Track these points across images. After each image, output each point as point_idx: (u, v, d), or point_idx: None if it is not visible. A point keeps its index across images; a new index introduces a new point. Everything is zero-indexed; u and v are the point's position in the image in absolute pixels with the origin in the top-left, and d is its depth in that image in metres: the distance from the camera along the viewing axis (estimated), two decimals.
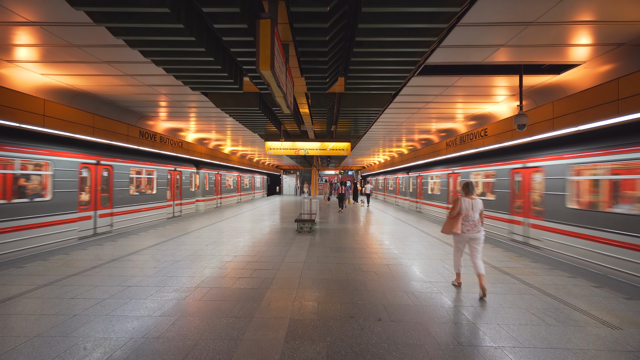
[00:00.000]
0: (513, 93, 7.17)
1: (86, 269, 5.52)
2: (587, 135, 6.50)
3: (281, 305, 4.06)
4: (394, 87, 5.84)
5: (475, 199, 4.66)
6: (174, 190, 13.65)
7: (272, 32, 3.21)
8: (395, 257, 6.61)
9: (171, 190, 13.36)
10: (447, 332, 3.40)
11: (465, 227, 4.63)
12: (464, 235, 4.64)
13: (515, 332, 3.42)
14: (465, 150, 10.58)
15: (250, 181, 28.14)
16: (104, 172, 9.29)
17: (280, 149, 10.57)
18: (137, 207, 10.79)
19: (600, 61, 5.35)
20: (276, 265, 5.90)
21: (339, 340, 3.22)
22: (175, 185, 13.74)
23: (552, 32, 4.38)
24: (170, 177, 13.32)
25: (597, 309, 4.05)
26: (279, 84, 3.77)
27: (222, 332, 3.35)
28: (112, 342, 3.13)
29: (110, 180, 9.53)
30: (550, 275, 5.46)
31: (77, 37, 4.63)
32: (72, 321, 3.57)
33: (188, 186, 14.90)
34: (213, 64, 4.68)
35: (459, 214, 4.62)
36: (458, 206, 4.63)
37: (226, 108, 7.61)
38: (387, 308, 4.01)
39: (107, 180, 9.42)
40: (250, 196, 27.87)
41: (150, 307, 3.97)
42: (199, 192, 16.77)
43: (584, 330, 3.46)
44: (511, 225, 8.69)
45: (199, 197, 16.76)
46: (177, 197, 13.95)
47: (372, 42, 4.09)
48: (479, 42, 4.73)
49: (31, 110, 6.29)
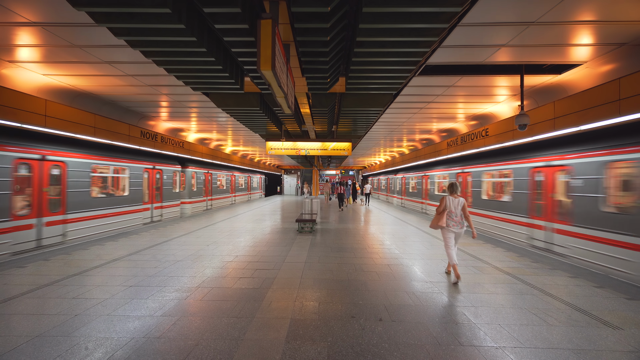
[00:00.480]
0: (514, 93, 7.16)
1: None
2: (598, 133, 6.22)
3: (282, 305, 4.07)
4: (395, 87, 5.84)
5: (459, 197, 5.15)
6: (153, 192, 12.02)
7: (273, 32, 3.22)
8: (396, 257, 6.61)
9: (150, 191, 11.82)
10: (448, 332, 3.40)
11: (450, 222, 5.09)
12: (450, 229, 5.09)
13: (517, 332, 3.42)
14: (466, 150, 10.57)
15: (245, 181, 26.38)
16: (54, 169, 7.76)
17: (281, 149, 10.57)
18: (101, 212, 9.27)
19: (602, 61, 5.34)
20: (277, 265, 5.90)
21: (339, 340, 3.22)
22: (155, 185, 12.13)
23: (553, 32, 4.37)
24: (149, 177, 11.77)
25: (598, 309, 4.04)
26: (280, 84, 3.77)
27: (223, 332, 3.36)
28: (113, 342, 3.14)
29: (62, 180, 7.99)
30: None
31: (79, 37, 4.64)
32: None
33: (171, 187, 13.28)
34: (214, 64, 4.69)
35: (444, 210, 5.11)
36: (444, 203, 5.13)
37: (227, 108, 7.62)
38: (388, 308, 4.01)
39: (59, 179, 7.91)
40: (245, 197, 26.16)
41: (151, 306, 3.98)
42: (184, 193, 15.03)
43: (585, 331, 3.46)
44: (530, 230, 7.97)
45: (184, 199, 15.00)
46: (157, 199, 12.34)
47: (373, 42, 4.09)
48: (480, 42, 4.72)
49: (33, 110, 6.31)
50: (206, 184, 17.47)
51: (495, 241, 8.57)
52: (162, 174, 12.68)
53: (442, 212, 5.12)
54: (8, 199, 6.51)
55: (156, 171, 12.26)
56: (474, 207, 10.84)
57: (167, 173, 13.01)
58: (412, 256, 6.71)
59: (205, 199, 17.37)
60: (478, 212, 10.61)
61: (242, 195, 25.18)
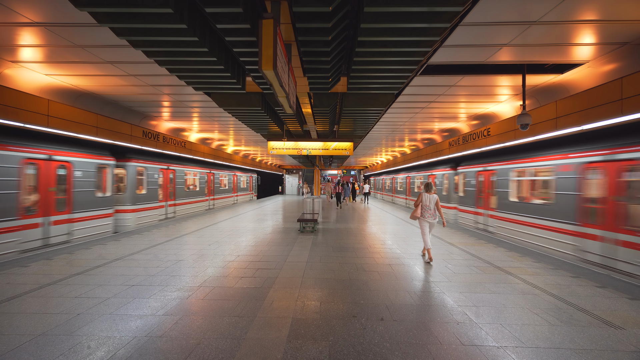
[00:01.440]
0: (516, 93, 7.15)
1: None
2: None
3: (284, 305, 4.07)
4: (397, 87, 5.85)
5: (433, 194, 6.23)
6: (46, 196, 7.49)
7: (274, 32, 3.22)
8: (397, 257, 6.61)
9: (41, 195, 7.36)
10: (449, 332, 3.40)
11: (425, 214, 6.21)
12: (425, 220, 6.21)
13: (518, 331, 3.41)
14: (468, 150, 10.55)
15: (229, 180, 21.41)
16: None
17: (283, 148, 10.59)
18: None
19: (604, 60, 5.32)
20: (279, 265, 5.91)
21: (341, 339, 3.22)
22: (52, 187, 7.64)
23: (556, 31, 4.36)
24: (39, 173, 7.33)
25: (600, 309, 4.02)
26: (281, 83, 3.78)
27: (225, 331, 3.36)
28: (115, 341, 3.15)
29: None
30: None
31: (81, 37, 4.66)
32: None
33: (91, 188, 8.83)
34: (216, 64, 4.70)
35: (420, 204, 6.24)
36: (420, 199, 6.27)
37: (229, 108, 7.63)
38: (390, 308, 4.01)
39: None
40: (230, 200, 21.57)
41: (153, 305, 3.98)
42: (125, 197, 10.62)
43: (587, 330, 3.45)
44: (582, 241, 6.50)
45: (122, 206, 10.54)
46: (59, 207, 7.86)
47: (374, 42, 4.09)
48: (482, 42, 4.72)
49: (35, 110, 6.34)
50: (165, 185, 13.08)
51: (552, 260, 6.48)
52: (72, 169, 8.26)
53: (418, 206, 6.26)
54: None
55: (55, 165, 7.80)
56: (499, 210, 9.51)
57: (81, 168, 8.49)
58: (413, 256, 6.70)
59: (164, 205, 12.95)
60: (503, 217, 9.21)
61: (224, 199, 20.36)
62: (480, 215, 10.81)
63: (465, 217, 11.91)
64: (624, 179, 5.70)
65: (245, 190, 25.21)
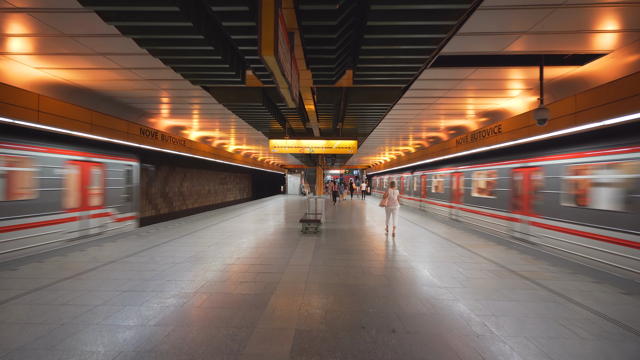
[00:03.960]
0: (530, 87, 6.78)
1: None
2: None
3: (286, 314, 3.75)
4: (406, 80, 5.50)
5: (395, 190, 8.90)
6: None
7: (275, 12, 2.89)
8: (405, 260, 6.26)
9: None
10: (469, 346, 3.06)
11: (390, 204, 8.88)
12: (389, 207, 8.92)
13: (546, 347, 3.07)
14: (477, 148, 10.17)
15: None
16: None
17: (285, 147, 10.24)
18: None
19: (628, 50, 4.96)
20: (280, 269, 5.58)
21: (350, 355, 2.89)
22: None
23: (580, 16, 4.01)
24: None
25: None
26: (283, 72, 3.45)
27: (221, 345, 3.04)
28: (99, 357, 2.83)
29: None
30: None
31: (68, 25, 4.34)
32: None
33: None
34: (213, 54, 4.38)
35: (387, 196, 8.89)
36: (387, 192, 8.90)
37: (229, 104, 7.32)
38: (401, 317, 3.68)
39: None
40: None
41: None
42: None
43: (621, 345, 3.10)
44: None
45: None
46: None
47: (384, 27, 3.76)
48: (500, 29, 4.36)
49: (24, 105, 6.04)
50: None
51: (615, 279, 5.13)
52: None
53: (385, 197, 8.96)
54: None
55: None
56: (540, 216, 7.85)
57: None
58: (422, 259, 6.36)
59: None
60: (551, 225, 7.46)
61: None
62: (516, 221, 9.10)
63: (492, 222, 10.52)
64: None
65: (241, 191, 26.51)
